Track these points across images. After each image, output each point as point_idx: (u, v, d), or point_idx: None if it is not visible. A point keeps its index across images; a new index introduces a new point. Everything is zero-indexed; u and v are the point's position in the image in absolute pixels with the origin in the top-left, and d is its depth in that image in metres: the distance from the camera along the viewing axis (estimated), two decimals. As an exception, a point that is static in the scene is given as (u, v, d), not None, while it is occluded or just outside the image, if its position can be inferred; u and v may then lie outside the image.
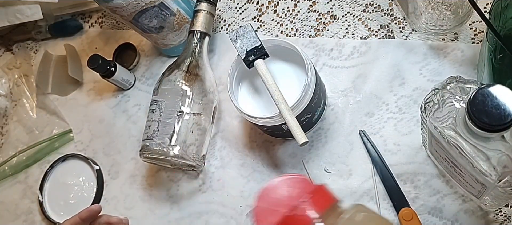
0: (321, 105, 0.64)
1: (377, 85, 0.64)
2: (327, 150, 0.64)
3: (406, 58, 0.64)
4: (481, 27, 0.61)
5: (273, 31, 0.74)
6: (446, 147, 0.47)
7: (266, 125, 0.61)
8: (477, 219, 0.56)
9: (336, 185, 0.62)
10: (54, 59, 0.86)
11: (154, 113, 0.66)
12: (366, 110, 0.64)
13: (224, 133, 0.71)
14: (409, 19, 0.64)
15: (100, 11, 0.87)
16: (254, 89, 0.65)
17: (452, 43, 0.62)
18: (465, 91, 0.43)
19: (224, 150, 0.70)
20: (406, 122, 0.62)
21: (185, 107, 0.65)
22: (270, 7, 0.75)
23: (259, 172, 0.67)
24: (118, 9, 0.66)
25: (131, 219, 0.71)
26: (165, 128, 0.64)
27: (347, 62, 0.67)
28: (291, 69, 0.63)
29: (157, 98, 0.66)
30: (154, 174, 0.73)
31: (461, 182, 0.53)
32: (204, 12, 0.70)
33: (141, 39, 0.81)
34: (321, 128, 0.66)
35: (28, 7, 0.85)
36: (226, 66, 0.72)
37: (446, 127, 0.44)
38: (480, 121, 0.38)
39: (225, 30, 0.77)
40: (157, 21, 0.70)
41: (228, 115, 0.71)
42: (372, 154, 0.62)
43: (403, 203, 0.59)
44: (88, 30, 0.88)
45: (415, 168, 0.60)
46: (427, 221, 0.58)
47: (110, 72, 0.75)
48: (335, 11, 0.70)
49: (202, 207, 0.68)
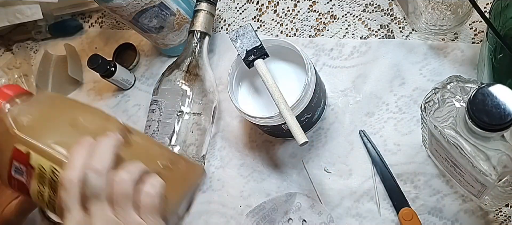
0: (321, 105, 0.64)
1: (377, 85, 0.64)
2: (327, 150, 0.64)
3: (406, 58, 0.64)
4: (481, 27, 0.61)
5: (273, 31, 0.74)
6: (446, 147, 0.47)
7: (266, 125, 0.61)
8: (477, 219, 0.56)
9: (336, 185, 0.62)
10: (54, 59, 0.86)
11: (154, 113, 0.66)
12: (366, 110, 0.64)
13: (224, 133, 0.71)
14: (409, 19, 0.64)
15: (100, 11, 0.88)
16: (254, 89, 0.65)
17: (452, 43, 0.62)
18: (465, 90, 0.44)
19: (224, 150, 0.70)
20: (406, 122, 0.62)
21: (185, 107, 0.65)
22: (270, 7, 0.75)
23: (259, 172, 0.67)
24: (118, 9, 0.66)
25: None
26: (165, 127, 0.64)
27: (347, 62, 0.67)
28: (291, 69, 0.63)
29: (157, 98, 0.66)
30: (154, 174, 0.73)
31: (461, 181, 0.53)
32: (204, 12, 0.70)
33: (141, 39, 0.81)
34: (321, 128, 0.66)
35: (28, 7, 0.85)
36: (226, 66, 0.72)
37: (446, 126, 0.44)
38: (480, 120, 0.38)
39: (225, 30, 0.77)
40: (157, 21, 0.70)
41: (228, 115, 0.71)
42: (372, 154, 0.62)
43: (403, 203, 0.59)
44: (88, 30, 0.88)
45: (415, 168, 0.60)
46: (427, 221, 0.58)
47: (110, 72, 0.75)
48: (335, 11, 0.70)
49: (202, 207, 0.68)
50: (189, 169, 0.51)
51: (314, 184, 0.63)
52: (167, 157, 0.49)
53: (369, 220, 0.60)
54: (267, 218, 0.64)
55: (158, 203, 0.41)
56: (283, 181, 0.66)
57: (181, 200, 0.48)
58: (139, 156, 0.44)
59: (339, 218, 0.61)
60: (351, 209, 0.61)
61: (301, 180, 0.65)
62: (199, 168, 0.51)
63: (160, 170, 0.45)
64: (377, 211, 0.60)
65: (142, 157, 0.44)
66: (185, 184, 0.49)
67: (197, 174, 0.51)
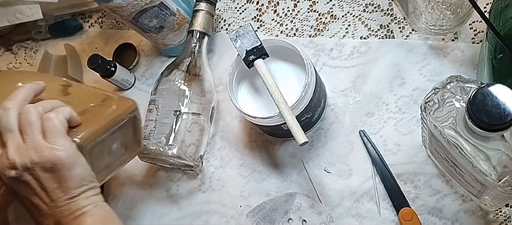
0: (321, 105, 0.64)
1: (377, 85, 0.64)
2: (327, 150, 0.64)
3: (406, 58, 0.64)
4: (481, 27, 0.61)
5: (273, 31, 0.74)
6: (446, 147, 0.47)
7: (266, 125, 0.61)
8: (477, 219, 0.56)
9: (336, 185, 0.62)
10: (54, 59, 0.86)
11: (152, 113, 0.66)
12: (366, 110, 0.64)
13: (224, 133, 0.71)
14: (409, 19, 0.63)
15: (100, 11, 0.87)
16: (254, 89, 0.65)
17: (452, 43, 0.62)
18: (465, 90, 0.44)
19: (224, 150, 0.70)
20: (406, 122, 0.62)
21: (184, 107, 0.65)
22: (270, 7, 0.75)
23: (259, 172, 0.67)
24: (118, 9, 0.66)
25: (131, 219, 0.71)
26: (162, 127, 0.64)
27: (347, 62, 0.67)
28: (291, 69, 0.63)
29: (155, 98, 0.66)
30: (154, 174, 0.73)
31: (461, 181, 0.53)
32: (204, 12, 0.70)
33: (141, 39, 0.81)
34: (321, 128, 0.66)
35: (28, 7, 0.85)
36: (226, 66, 0.72)
37: (446, 126, 0.44)
38: (480, 120, 0.38)
39: (225, 30, 0.77)
40: (157, 21, 0.70)
41: (228, 115, 0.71)
42: (372, 154, 0.62)
43: (403, 203, 0.59)
44: (88, 30, 0.88)
45: (415, 168, 0.60)
46: (427, 221, 0.58)
47: (110, 72, 0.75)
48: (335, 11, 0.70)
49: (201, 207, 0.68)
50: (119, 104, 0.57)
51: (314, 184, 0.63)
52: (100, 99, 0.57)
53: (369, 220, 0.60)
54: (267, 218, 0.64)
55: (59, 126, 0.47)
56: (283, 181, 0.66)
57: (104, 130, 0.53)
58: (72, 101, 0.53)
59: (339, 218, 0.61)
60: (351, 209, 0.61)
61: (301, 180, 0.65)
62: (130, 103, 0.57)
63: (87, 108, 0.54)
64: (377, 211, 0.60)
65: (75, 101, 0.54)
66: (110, 117, 0.54)
67: (125, 108, 0.56)
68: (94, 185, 0.50)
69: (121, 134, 0.57)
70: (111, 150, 0.56)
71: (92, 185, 0.50)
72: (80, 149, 0.49)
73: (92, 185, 0.50)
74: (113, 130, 0.54)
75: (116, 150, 0.57)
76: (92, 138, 0.51)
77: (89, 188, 0.49)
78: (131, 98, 0.59)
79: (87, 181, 0.49)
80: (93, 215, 0.48)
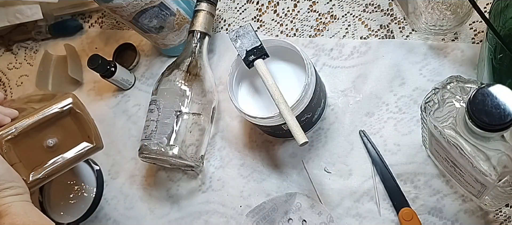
0: (321, 105, 0.64)
1: (377, 85, 0.64)
2: (327, 150, 0.64)
3: (406, 58, 0.64)
4: (481, 27, 0.61)
5: (273, 31, 0.74)
6: (446, 147, 0.47)
7: (266, 125, 0.61)
8: (477, 219, 0.56)
9: (336, 185, 0.62)
10: (54, 59, 0.86)
11: (153, 113, 0.66)
12: (366, 110, 0.64)
13: (224, 133, 0.71)
14: (409, 19, 0.64)
15: (100, 11, 0.87)
16: (254, 89, 0.65)
17: (452, 43, 0.62)
18: (465, 91, 0.44)
19: (224, 150, 0.70)
20: (406, 122, 0.62)
21: (184, 107, 0.65)
22: (270, 7, 0.75)
23: (259, 172, 0.67)
24: (118, 9, 0.66)
25: (131, 219, 0.72)
26: (163, 127, 0.64)
27: (347, 62, 0.67)
28: (291, 69, 0.63)
29: (155, 98, 0.66)
30: (154, 174, 0.73)
31: (461, 182, 0.53)
32: (204, 12, 0.70)
33: (141, 39, 0.81)
34: (321, 128, 0.66)
35: (28, 7, 0.85)
36: (226, 66, 0.72)
37: (446, 126, 0.44)
38: (480, 121, 0.38)
39: (225, 30, 0.77)
40: (157, 21, 0.70)
41: (228, 115, 0.71)
42: (372, 154, 0.62)
43: (403, 203, 0.59)
44: (88, 30, 0.88)
45: (415, 168, 0.60)
46: (427, 221, 0.58)
47: (110, 72, 0.75)
48: (335, 11, 0.70)
49: (202, 207, 0.68)
50: (52, 100, 0.59)
51: (314, 184, 0.63)
52: (38, 100, 0.62)
53: (369, 220, 0.60)
54: (267, 218, 0.64)
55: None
56: (283, 181, 0.66)
57: (27, 126, 0.55)
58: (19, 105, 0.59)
59: (339, 218, 0.61)
60: (351, 209, 0.61)
61: (301, 180, 0.65)
62: (64, 97, 0.58)
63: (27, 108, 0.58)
64: (377, 211, 0.60)
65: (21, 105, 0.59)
66: (33, 111, 0.57)
67: (53, 102, 0.58)
68: (14, 184, 0.49)
69: (58, 129, 0.56)
70: (47, 146, 0.56)
71: (9, 185, 0.48)
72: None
73: (9, 185, 0.48)
74: (38, 124, 0.55)
75: (55, 146, 0.56)
76: (6, 134, 0.52)
77: (5, 187, 0.47)
78: (72, 93, 0.60)
79: (2, 180, 0.47)
80: (7, 215, 0.46)
